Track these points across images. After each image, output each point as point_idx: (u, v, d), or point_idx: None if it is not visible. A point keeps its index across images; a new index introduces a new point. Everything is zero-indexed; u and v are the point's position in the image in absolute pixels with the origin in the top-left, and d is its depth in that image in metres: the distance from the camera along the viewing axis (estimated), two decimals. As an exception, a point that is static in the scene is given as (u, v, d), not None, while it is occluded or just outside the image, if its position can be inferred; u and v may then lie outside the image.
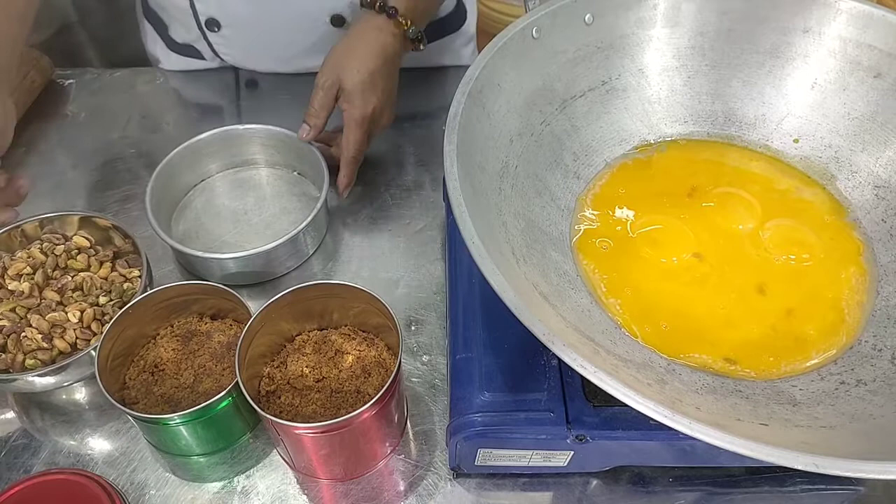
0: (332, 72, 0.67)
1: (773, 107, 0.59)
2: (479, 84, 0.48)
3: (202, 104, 0.88)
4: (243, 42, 0.83)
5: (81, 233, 0.63)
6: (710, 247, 0.53)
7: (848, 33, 0.56)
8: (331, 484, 0.54)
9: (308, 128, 0.69)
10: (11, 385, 0.54)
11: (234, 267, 0.64)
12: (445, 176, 0.42)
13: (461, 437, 0.48)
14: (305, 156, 0.71)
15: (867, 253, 0.53)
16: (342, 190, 0.70)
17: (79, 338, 0.56)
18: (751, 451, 0.32)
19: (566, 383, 0.49)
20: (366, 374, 0.54)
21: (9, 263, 0.59)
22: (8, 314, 0.57)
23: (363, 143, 0.69)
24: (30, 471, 0.55)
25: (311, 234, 0.68)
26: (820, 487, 0.53)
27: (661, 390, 0.42)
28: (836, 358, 0.47)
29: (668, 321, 0.48)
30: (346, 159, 0.69)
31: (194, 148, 0.72)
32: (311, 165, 0.71)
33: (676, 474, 0.54)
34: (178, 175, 0.72)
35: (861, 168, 0.56)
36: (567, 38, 0.55)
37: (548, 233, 0.52)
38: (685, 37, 0.58)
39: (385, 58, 0.67)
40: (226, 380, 0.54)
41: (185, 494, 0.54)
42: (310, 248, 0.69)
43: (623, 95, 0.59)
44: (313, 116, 0.68)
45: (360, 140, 0.68)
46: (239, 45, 0.84)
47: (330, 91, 0.67)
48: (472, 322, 0.53)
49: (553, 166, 0.55)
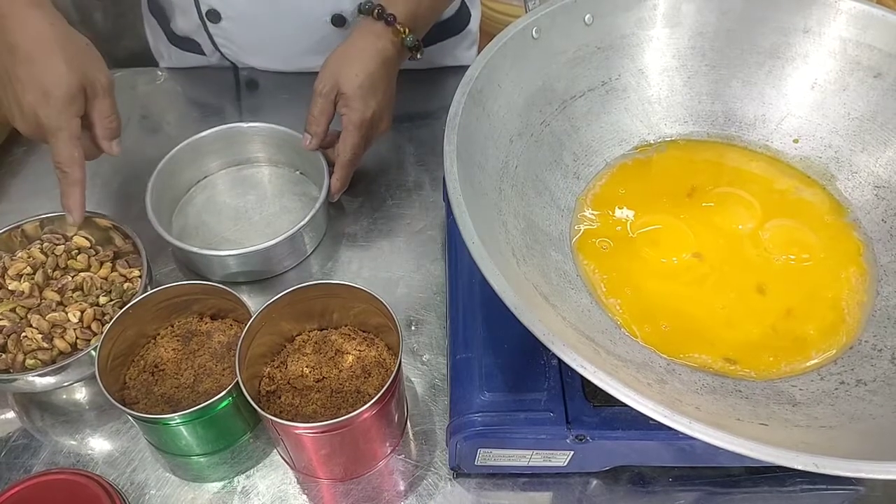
0: (330, 77, 0.66)
1: (773, 107, 0.59)
2: (479, 84, 0.48)
3: (202, 104, 0.88)
4: (243, 36, 0.83)
5: (82, 233, 0.63)
6: (710, 247, 0.53)
7: (848, 33, 0.56)
8: (331, 484, 0.54)
9: (310, 137, 0.68)
10: (12, 385, 0.54)
11: (234, 264, 0.64)
12: (445, 176, 0.42)
13: (461, 437, 0.48)
14: (307, 155, 0.71)
15: (867, 253, 0.53)
16: (334, 193, 0.69)
17: (79, 338, 0.56)
18: (751, 451, 0.32)
19: (566, 383, 0.49)
20: (366, 374, 0.54)
21: (9, 263, 0.59)
22: (8, 314, 0.57)
23: (360, 147, 0.69)
24: (30, 471, 0.55)
25: (310, 234, 0.68)
26: (820, 487, 0.53)
27: (661, 390, 0.42)
28: (835, 358, 0.47)
29: (668, 321, 0.48)
30: (342, 162, 0.69)
31: (196, 145, 0.72)
32: (313, 165, 0.71)
33: (676, 474, 0.54)
34: (179, 172, 0.72)
35: (861, 168, 0.56)
36: (567, 38, 0.55)
37: (548, 233, 0.52)
38: (685, 37, 0.58)
39: (383, 62, 0.67)
40: (226, 380, 0.54)
41: (185, 494, 0.54)
42: (308, 247, 0.69)
43: (623, 95, 0.59)
44: (314, 124, 0.68)
45: (357, 144, 0.68)
46: (238, 38, 0.84)
47: (329, 97, 0.67)
48: (472, 322, 0.53)
49: (553, 166, 0.55)
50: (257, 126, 0.73)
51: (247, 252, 0.63)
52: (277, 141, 0.73)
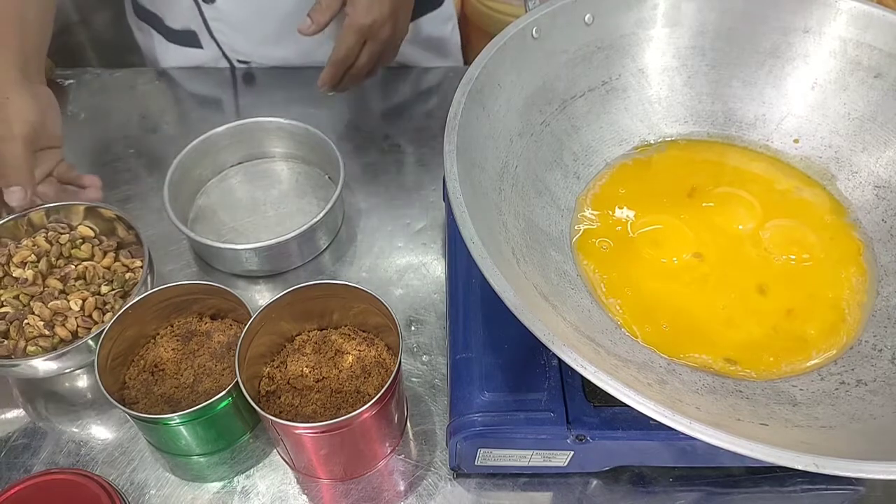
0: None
1: (773, 107, 0.59)
2: (479, 84, 0.48)
3: (202, 104, 0.88)
4: (238, 17, 0.83)
5: (86, 223, 0.63)
6: (711, 247, 0.53)
7: (848, 33, 0.56)
8: (331, 484, 0.54)
9: (310, 22, 0.70)
10: (13, 370, 0.54)
11: (247, 257, 0.65)
12: (445, 176, 0.42)
13: (461, 437, 0.48)
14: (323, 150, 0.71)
15: (867, 253, 0.53)
16: (319, 85, 0.72)
17: (80, 326, 0.57)
18: (751, 451, 0.32)
19: (566, 383, 0.49)
20: (366, 374, 0.54)
21: (14, 251, 0.60)
22: (11, 301, 0.57)
23: (353, 50, 0.70)
24: (30, 471, 0.55)
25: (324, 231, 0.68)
26: (820, 487, 0.53)
27: (662, 390, 0.42)
28: (836, 358, 0.47)
29: (669, 321, 0.48)
30: (333, 59, 0.71)
31: (213, 140, 0.72)
32: (331, 162, 0.71)
33: (676, 474, 0.54)
34: (195, 166, 0.72)
35: (861, 168, 0.56)
36: (567, 38, 0.55)
37: (548, 233, 0.52)
38: (685, 37, 0.58)
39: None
40: (226, 380, 0.54)
41: (185, 494, 0.54)
42: (322, 243, 0.69)
43: (623, 95, 0.59)
44: (318, 12, 0.69)
45: (351, 46, 0.70)
46: (233, 18, 0.83)
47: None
48: (472, 322, 0.53)
49: (553, 166, 0.55)
50: (274, 121, 0.73)
51: (262, 245, 0.63)
52: (294, 136, 0.74)
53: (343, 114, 0.84)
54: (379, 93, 0.86)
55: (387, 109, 0.85)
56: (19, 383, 0.61)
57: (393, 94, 0.86)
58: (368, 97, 0.86)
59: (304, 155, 0.76)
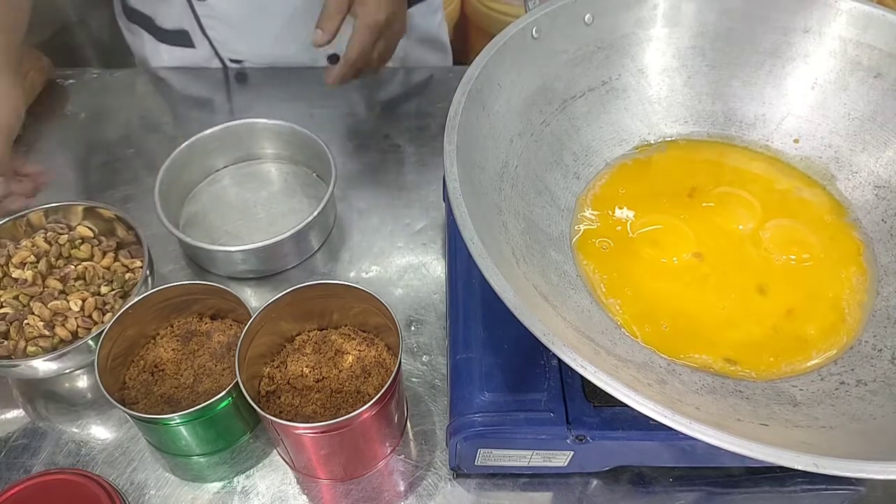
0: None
1: (773, 107, 0.59)
2: (479, 84, 0.48)
3: (202, 104, 0.88)
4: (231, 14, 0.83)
5: (85, 223, 0.63)
6: (711, 247, 0.53)
7: (848, 33, 0.56)
8: (331, 484, 0.54)
9: (321, 32, 0.68)
10: (13, 371, 0.54)
11: (240, 258, 0.64)
12: (445, 176, 0.42)
13: (461, 437, 0.48)
14: (315, 151, 0.71)
15: (867, 253, 0.53)
16: (328, 81, 0.70)
17: (80, 326, 0.57)
18: (751, 451, 0.32)
19: (566, 383, 0.49)
20: (366, 374, 0.54)
21: (13, 252, 0.60)
22: (11, 302, 0.58)
23: (368, 48, 0.69)
24: (30, 471, 0.55)
25: (316, 231, 0.68)
26: (820, 487, 0.53)
27: (662, 390, 0.42)
28: (836, 358, 0.47)
29: (669, 321, 0.48)
30: (346, 59, 0.69)
31: (205, 141, 0.72)
32: (321, 162, 0.70)
33: (676, 474, 0.54)
34: (187, 167, 0.72)
35: (861, 168, 0.56)
36: (567, 38, 0.55)
37: (548, 233, 0.52)
38: (685, 37, 0.58)
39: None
40: (226, 380, 0.54)
41: (185, 494, 0.54)
42: (315, 243, 0.69)
43: (623, 95, 0.59)
44: (327, 20, 0.68)
45: (366, 44, 0.69)
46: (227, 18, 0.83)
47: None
48: (472, 322, 0.53)
49: (553, 166, 0.55)
50: (266, 122, 0.73)
51: (253, 248, 0.63)
52: (286, 137, 0.73)
53: (343, 114, 0.84)
54: (379, 93, 0.86)
55: (386, 109, 0.85)
56: (19, 383, 0.60)
57: (393, 94, 0.86)
58: (368, 97, 0.86)
59: (290, 154, 0.75)
